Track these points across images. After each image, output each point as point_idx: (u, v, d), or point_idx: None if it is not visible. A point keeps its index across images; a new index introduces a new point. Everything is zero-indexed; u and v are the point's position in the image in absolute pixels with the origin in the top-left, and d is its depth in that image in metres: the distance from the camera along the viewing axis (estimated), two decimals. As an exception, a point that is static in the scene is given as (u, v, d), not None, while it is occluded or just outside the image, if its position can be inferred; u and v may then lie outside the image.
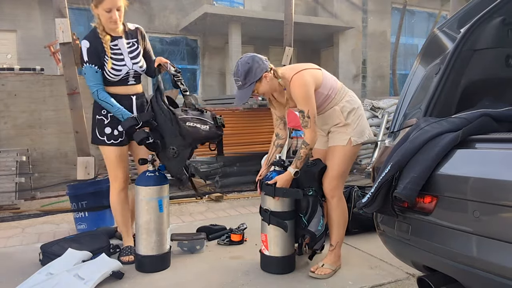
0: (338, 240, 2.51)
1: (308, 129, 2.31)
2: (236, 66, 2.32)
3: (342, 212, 2.49)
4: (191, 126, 2.44)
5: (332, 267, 2.47)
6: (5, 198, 4.26)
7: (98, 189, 3.45)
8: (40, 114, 5.16)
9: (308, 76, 2.32)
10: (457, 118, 1.65)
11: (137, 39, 2.68)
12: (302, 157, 2.34)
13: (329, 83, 2.42)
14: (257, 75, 2.29)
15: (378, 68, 11.97)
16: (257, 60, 2.31)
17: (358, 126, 2.43)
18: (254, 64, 2.29)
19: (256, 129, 5.80)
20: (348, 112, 2.42)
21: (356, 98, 2.51)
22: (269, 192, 2.40)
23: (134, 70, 2.64)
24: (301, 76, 2.31)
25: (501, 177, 1.30)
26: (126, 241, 2.77)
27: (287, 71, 2.38)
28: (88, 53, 2.53)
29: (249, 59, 2.30)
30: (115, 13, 2.47)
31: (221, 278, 2.43)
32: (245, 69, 2.29)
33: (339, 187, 2.48)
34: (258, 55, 2.36)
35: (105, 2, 2.44)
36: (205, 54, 11.11)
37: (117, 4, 2.47)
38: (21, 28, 9.01)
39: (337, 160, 2.43)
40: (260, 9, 11.18)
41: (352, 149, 2.43)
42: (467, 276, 1.44)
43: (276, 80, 2.36)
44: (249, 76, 2.29)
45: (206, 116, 2.53)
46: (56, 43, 5.95)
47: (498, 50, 1.87)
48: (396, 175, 1.57)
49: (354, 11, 11.50)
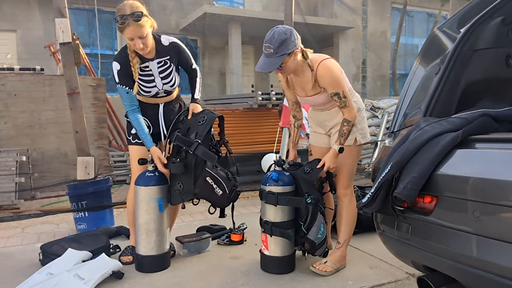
0: (346, 238, 2.54)
1: (347, 108, 2.34)
2: (272, 33, 2.24)
3: (353, 211, 2.55)
4: (208, 183, 2.46)
5: (334, 266, 2.47)
6: (5, 198, 4.26)
7: (98, 189, 3.45)
8: (40, 114, 5.16)
9: (336, 63, 2.40)
10: (457, 118, 1.65)
11: (169, 57, 2.57)
12: (345, 133, 2.36)
13: (346, 80, 2.46)
14: (289, 48, 2.23)
15: (378, 68, 11.96)
16: (294, 34, 2.27)
17: (362, 126, 2.50)
18: (291, 36, 2.23)
19: (256, 129, 5.80)
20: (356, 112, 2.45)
21: (361, 101, 2.56)
22: (271, 201, 2.40)
23: (164, 89, 2.61)
24: (331, 61, 2.37)
25: (501, 177, 1.30)
26: (131, 241, 2.76)
27: (314, 56, 2.39)
28: (119, 75, 2.48)
29: (287, 30, 2.25)
30: (138, 41, 2.35)
31: (221, 278, 2.43)
32: (282, 38, 2.20)
33: (351, 186, 2.55)
34: (295, 31, 2.30)
35: (125, 32, 2.32)
36: (205, 54, 11.11)
37: (138, 34, 2.33)
38: (21, 28, 9.00)
39: (346, 160, 2.47)
40: (260, 9, 11.17)
41: (357, 148, 2.50)
42: (467, 276, 1.44)
43: (301, 61, 2.33)
44: (282, 46, 2.21)
45: (227, 183, 2.52)
46: (56, 43, 5.95)
47: (498, 50, 1.87)
48: (396, 175, 1.57)
49: (354, 11, 11.50)
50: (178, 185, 2.49)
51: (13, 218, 3.84)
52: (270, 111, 5.97)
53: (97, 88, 5.47)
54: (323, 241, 2.47)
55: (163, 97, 2.66)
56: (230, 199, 2.55)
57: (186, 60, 2.64)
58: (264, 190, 2.45)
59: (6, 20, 8.84)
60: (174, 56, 2.58)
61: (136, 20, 2.28)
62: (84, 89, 5.06)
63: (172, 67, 2.59)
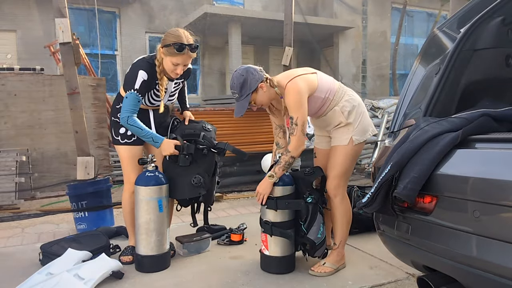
0: (342, 239, 2.52)
1: (294, 137, 2.30)
2: (232, 79, 2.35)
3: (345, 211, 2.49)
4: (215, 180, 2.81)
5: (333, 266, 2.47)
6: (5, 198, 4.26)
7: (98, 189, 3.45)
8: (40, 114, 5.16)
9: (301, 83, 2.32)
10: (457, 118, 1.65)
11: (183, 79, 2.75)
12: (281, 163, 2.33)
13: (326, 85, 2.41)
14: (252, 87, 2.32)
15: (378, 68, 11.96)
16: (251, 71, 2.34)
17: (360, 124, 2.42)
18: (249, 75, 2.32)
19: (256, 129, 5.80)
20: (349, 111, 2.41)
21: (355, 96, 2.50)
22: (271, 206, 2.40)
23: (165, 102, 2.68)
24: (294, 83, 2.32)
25: (501, 177, 1.30)
26: (131, 241, 2.77)
27: (282, 79, 2.39)
28: (142, 85, 2.48)
29: (243, 71, 2.33)
30: (181, 68, 2.48)
31: (221, 278, 2.43)
32: (240, 82, 2.31)
33: (342, 186, 2.47)
34: (252, 66, 2.38)
35: (176, 57, 2.42)
36: (205, 54, 11.11)
37: (186, 63, 2.49)
38: (21, 28, 9.00)
39: (338, 159, 2.43)
40: (260, 9, 11.17)
41: (354, 148, 2.43)
42: (467, 276, 1.44)
43: (272, 89, 2.38)
44: (244, 88, 2.32)
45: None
46: (56, 43, 5.95)
47: (498, 50, 1.87)
48: (396, 175, 1.57)
49: (354, 11, 11.50)
50: (196, 178, 2.56)
51: (13, 218, 3.84)
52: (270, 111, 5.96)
53: (97, 88, 5.47)
54: (323, 242, 2.47)
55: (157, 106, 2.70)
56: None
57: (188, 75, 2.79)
58: None
59: (6, 20, 8.84)
60: (185, 78, 2.77)
61: (193, 51, 2.46)
62: (84, 89, 5.06)
63: (180, 87, 2.77)
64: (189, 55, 2.45)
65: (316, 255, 2.50)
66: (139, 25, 10.18)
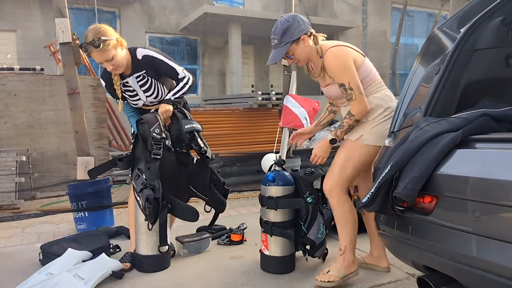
0: (346, 244, 2.26)
1: (354, 101, 2.12)
2: (275, 25, 2.19)
3: (343, 214, 2.24)
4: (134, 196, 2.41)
5: (338, 273, 2.23)
6: (5, 198, 4.26)
7: (98, 189, 3.45)
8: (40, 114, 5.16)
9: (347, 50, 2.17)
10: (457, 118, 1.65)
11: (145, 70, 2.53)
12: (344, 126, 2.17)
13: (367, 70, 2.22)
14: (294, 35, 2.15)
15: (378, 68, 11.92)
16: (298, 19, 2.17)
17: (378, 127, 2.18)
18: (294, 23, 2.15)
19: (256, 129, 5.80)
20: (372, 108, 2.19)
21: (390, 99, 2.26)
22: (271, 206, 2.39)
23: (150, 101, 2.63)
24: (339, 49, 2.17)
25: (501, 177, 1.30)
26: (131, 246, 2.68)
27: (328, 42, 2.24)
28: (107, 89, 2.64)
29: (289, 18, 2.18)
30: (107, 64, 2.42)
31: (221, 278, 2.43)
32: (284, 27, 2.14)
33: (338, 186, 2.21)
34: (300, 15, 2.21)
35: (92, 56, 2.41)
36: (205, 54, 11.11)
37: (103, 59, 2.39)
38: (21, 28, 9.00)
39: (340, 155, 2.23)
40: (260, 9, 11.18)
41: (361, 149, 2.18)
42: (467, 276, 1.44)
43: (313, 47, 2.21)
44: (286, 35, 2.15)
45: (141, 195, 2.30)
46: (56, 43, 5.96)
47: (498, 50, 1.87)
48: (396, 175, 1.57)
49: (355, 9, 11.50)
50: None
51: (13, 218, 3.84)
52: (270, 111, 5.97)
53: (97, 88, 5.47)
54: (323, 242, 2.47)
55: (156, 104, 2.65)
56: (148, 214, 2.29)
57: (169, 71, 2.55)
58: (264, 195, 2.44)
59: (6, 20, 8.85)
60: (150, 70, 2.53)
61: (96, 47, 2.33)
62: (84, 89, 5.06)
63: (151, 81, 2.55)
64: (98, 52, 2.34)
65: (316, 255, 2.49)
66: (139, 25, 10.20)
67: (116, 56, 2.41)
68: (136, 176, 2.37)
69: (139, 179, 2.34)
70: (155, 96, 2.60)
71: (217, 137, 5.32)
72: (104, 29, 2.38)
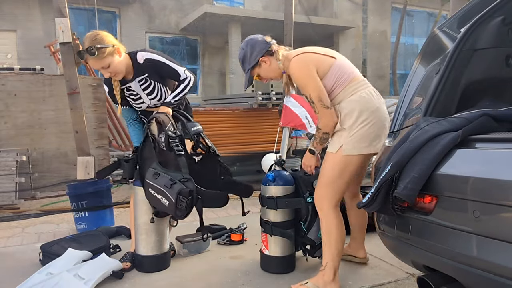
0: (327, 261, 2.13)
1: (318, 115, 2.07)
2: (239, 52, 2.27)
3: (327, 228, 2.13)
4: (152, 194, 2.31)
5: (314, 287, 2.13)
6: (5, 198, 4.26)
7: (98, 189, 3.45)
8: (40, 114, 5.16)
9: (307, 58, 2.08)
10: (457, 118, 1.65)
11: (147, 74, 2.52)
12: (317, 138, 2.14)
13: (339, 71, 2.09)
14: (252, 61, 2.18)
15: (378, 68, 11.96)
16: (252, 44, 2.18)
17: (357, 134, 2.05)
18: (248, 50, 2.19)
19: (256, 129, 5.80)
20: (346, 114, 2.07)
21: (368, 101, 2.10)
22: (271, 205, 2.40)
23: (153, 104, 2.61)
24: (300, 57, 2.09)
25: (501, 177, 1.30)
26: (132, 246, 2.69)
27: (293, 51, 2.18)
28: (109, 96, 2.65)
29: (244, 45, 2.22)
30: (104, 71, 2.40)
31: (221, 278, 2.43)
32: (241, 57, 2.23)
33: (327, 198, 2.13)
34: (257, 37, 2.20)
35: (89, 63, 2.40)
36: (205, 54, 11.11)
37: (100, 66, 2.37)
38: (21, 28, 9.00)
39: (324, 167, 2.14)
40: (260, 9, 11.17)
41: (344, 159, 2.07)
42: (467, 276, 1.44)
43: (277, 64, 2.20)
44: (245, 63, 2.21)
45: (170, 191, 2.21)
46: (56, 42, 5.96)
47: (498, 50, 1.87)
48: (396, 175, 1.57)
49: (354, 11, 11.50)
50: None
51: (13, 218, 3.84)
52: (270, 111, 5.97)
53: (97, 88, 5.47)
54: (323, 242, 2.47)
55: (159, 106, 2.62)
56: (181, 209, 2.20)
57: (170, 73, 2.54)
58: (264, 195, 2.44)
59: (6, 20, 8.84)
60: (152, 73, 2.52)
61: (91, 55, 2.31)
62: (84, 89, 5.05)
63: (154, 83, 2.55)
64: (94, 59, 2.33)
65: (316, 255, 2.49)
66: (139, 25, 10.19)
67: (112, 63, 2.38)
68: (155, 175, 2.29)
69: (160, 177, 2.26)
70: (158, 98, 2.59)
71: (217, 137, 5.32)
72: (101, 37, 2.36)
